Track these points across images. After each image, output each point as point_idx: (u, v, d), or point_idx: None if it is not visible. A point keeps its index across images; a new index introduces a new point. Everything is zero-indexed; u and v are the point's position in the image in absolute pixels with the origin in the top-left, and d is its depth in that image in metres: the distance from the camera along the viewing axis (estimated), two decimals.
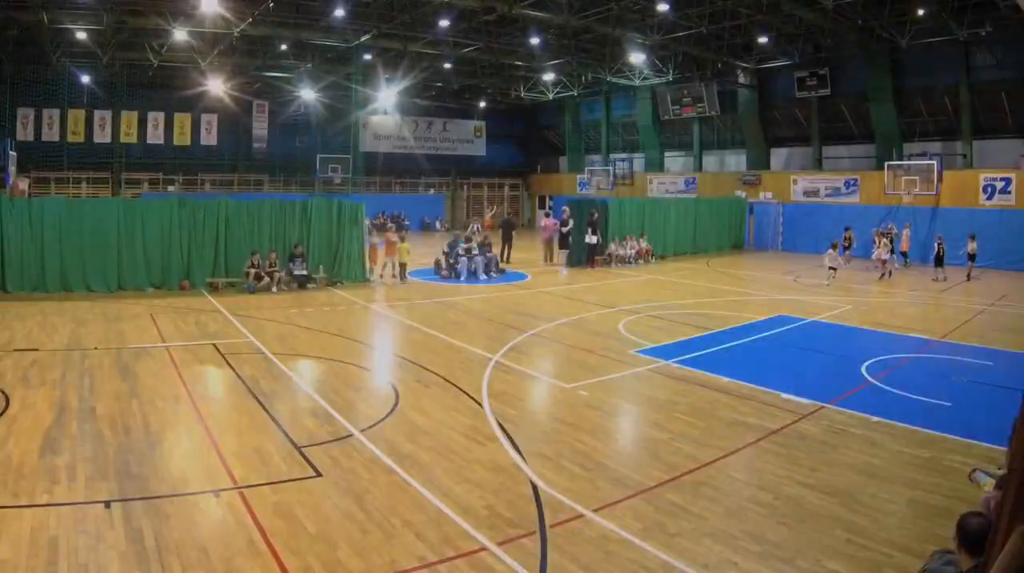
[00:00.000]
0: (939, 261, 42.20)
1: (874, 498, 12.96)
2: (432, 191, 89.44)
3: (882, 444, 15.66)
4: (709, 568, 10.47)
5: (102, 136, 70.66)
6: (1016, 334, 28.00)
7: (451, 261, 41.87)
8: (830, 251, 39.46)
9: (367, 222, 41.28)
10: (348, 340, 25.37)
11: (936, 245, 42.75)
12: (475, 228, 47.81)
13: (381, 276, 40.10)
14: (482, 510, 12.20)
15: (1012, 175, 50.15)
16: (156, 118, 72.94)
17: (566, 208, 47.95)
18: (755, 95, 66.33)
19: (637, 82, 71.88)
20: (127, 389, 18.59)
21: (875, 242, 44.74)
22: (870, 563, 10.72)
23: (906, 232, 48.72)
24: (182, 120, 73.86)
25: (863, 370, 21.94)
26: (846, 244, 42.39)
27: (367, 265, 39.79)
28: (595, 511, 12.20)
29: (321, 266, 37.69)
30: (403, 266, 40.25)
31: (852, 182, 59.11)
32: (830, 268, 38.65)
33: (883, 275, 41.92)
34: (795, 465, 14.40)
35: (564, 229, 47.83)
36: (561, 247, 45.84)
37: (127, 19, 52.33)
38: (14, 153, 59.85)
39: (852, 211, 57.32)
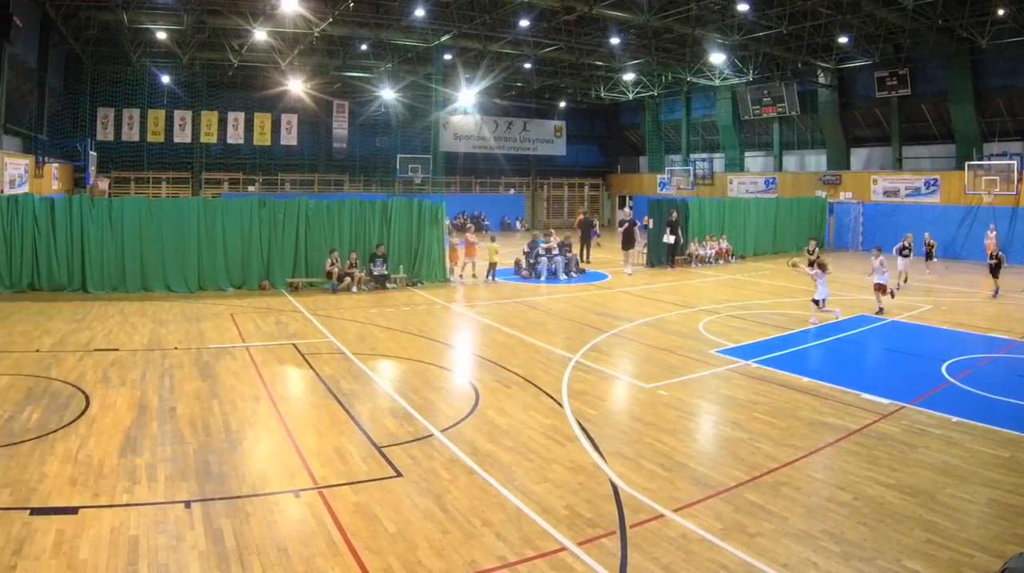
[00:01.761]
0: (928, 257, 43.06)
1: (954, 498, 12.82)
2: (512, 191, 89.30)
3: (962, 444, 15.49)
4: (789, 568, 10.41)
5: (182, 136, 71.60)
6: None
7: (531, 261, 41.93)
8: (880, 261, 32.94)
9: (447, 222, 41.30)
10: (428, 340, 25.43)
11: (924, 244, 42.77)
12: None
13: (461, 276, 40.21)
14: (562, 510, 12.18)
15: None
16: (236, 118, 73.83)
17: (627, 210, 47.80)
18: (835, 95, 65.76)
19: (717, 82, 71.63)
20: (207, 389, 18.78)
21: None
22: (949, 563, 10.61)
23: (992, 234, 47.94)
24: (262, 120, 74.64)
25: (943, 370, 21.73)
26: (905, 252, 39.12)
27: (447, 265, 39.93)
28: (675, 511, 12.16)
29: (401, 266, 37.76)
30: (493, 266, 40.40)
31: (932, 182, 58.38)
32: (878, 286, 31.26)
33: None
34: (875, 465, 14.29)
35: (620, 228, 47.61)
36: (624, 248, 45.42)
37: (207, 19, 52.93)
38: (94, 153, 60.65)
39: (932, 211, 57.00)
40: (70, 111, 65.78)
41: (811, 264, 29.47)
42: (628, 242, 45.14)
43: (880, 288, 30.92)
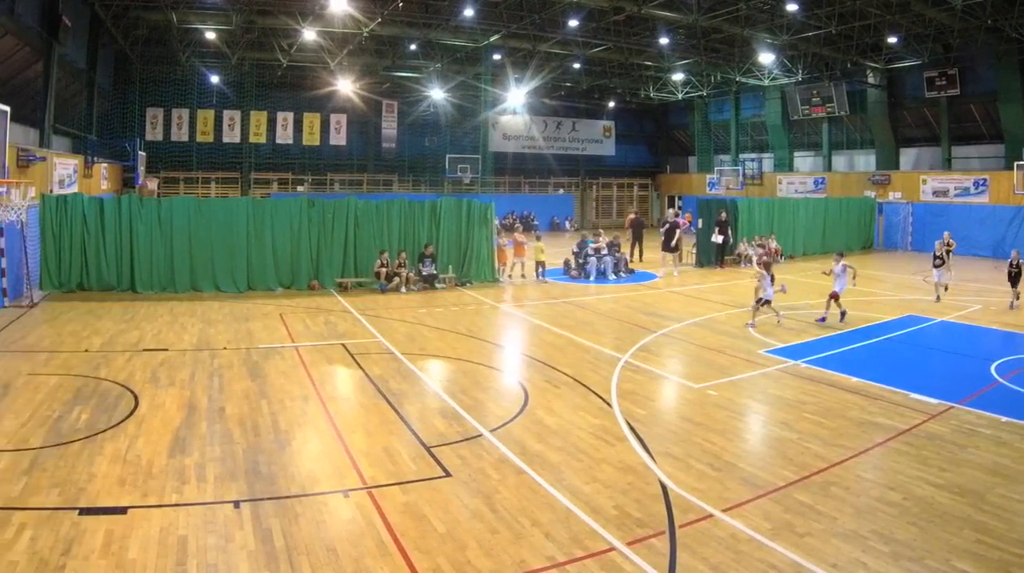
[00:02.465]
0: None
1: (1004, 498, 12.75)
2: (561, 191, 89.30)
3: (1011, 444, 15.40)
4: (839, 568, 10.38)
5: (231, 136, 72.01)
6: None
7: (580, 261, 41.89)
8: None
9: (496, 222, 41.29)
10: (477, 340, 25.45)
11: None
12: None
13: (510, 276, 40.19)
14: (611, 510, 12.17)
15: None
16: (285, 118, 74.22)
17: (673, 210, 47.54)
18: (884, 95, 65.31)
19: (766, 82, 71.35)
20: (256, 389, 18.88)
21: None
22: (999, 563, 10.54)
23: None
24: (311, 120, 74.96)
25: (992, 370, 21.58)
26: (938, 262, 35.21)
27: (496, 265, 39.98)
28: (724, 511, 12.15)
29: (450, 266, 37.83)
30: (541, 264, 40.36)
31: (981, 182, 57.80)
32: (833, 295, 29.23)
33: None
34: (924, 465, 14.22)
35: (661, 228, 47.26)
36: (664, 250, 44.91)
37: (256, 19, 53.15)
38: (143, 153, 61.20)
39: (981, 211, 56.54)
40: (119, 111, 66.30)
41: (765, 266, 28.82)
42: (668, 243, 44.39)
43: (835, 297, 28.68)
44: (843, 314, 28.54)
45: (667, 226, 44.71)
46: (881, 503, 12.52)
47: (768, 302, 27.50)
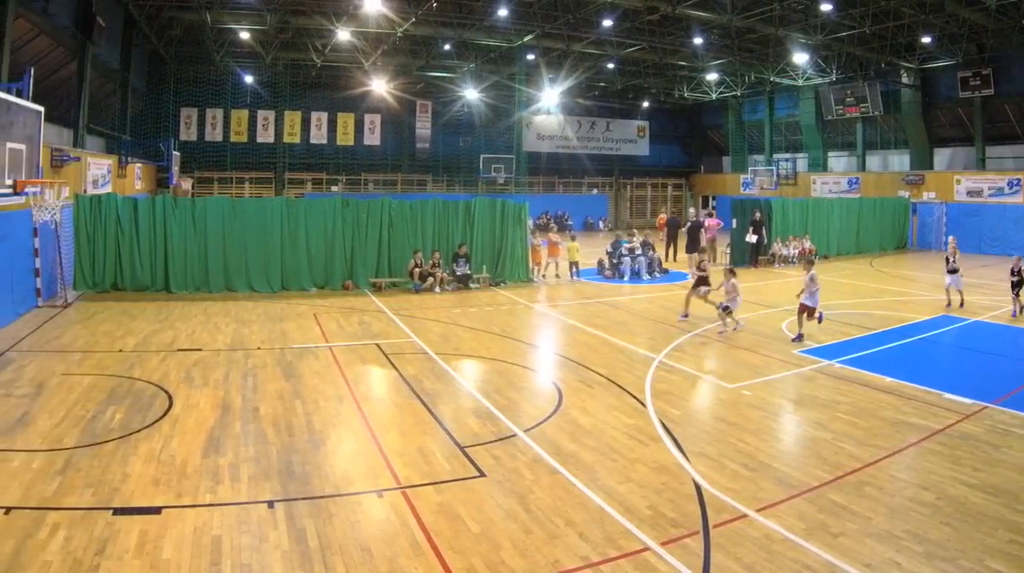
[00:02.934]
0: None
1: None
2: (595, 191, 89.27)
3: None
4: (872, 568, 10.36)
5: (265, 136, 72.43)
6: None
7: (614, 261, 41.85)
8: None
9: (530, 222, 41.26)
10: (511, 340, 25.46)
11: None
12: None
13: (544, 276, 40.17)
14: (645, 510, 12.16)
15: None
16: (319, 118, 74.53)
17: (692, 210, 47.26)
18: (918, 95, 65.06)
19: (800, 82, 71.20)
20: (290, 389, 18.92)
21: None
22: None
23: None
24: (345, 120, 75.27)
25: None
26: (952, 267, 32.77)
27: (530, 265, 39.97)
28: (758, 511, 12.14)
29: (484, 266, 37.84)
30: (575, 264, 40.46)
31: (1015, 182, 57.37)
32: (803, 308, 25.84)
33: None
34: (958, 465, 14.17)
35: (682, 229, 47.12)
36: (688, 251, 43.79)
37: (290, 19, 53.41)
38: (177, 153, 61.42)
39: (1016, 211, 56.25)
40: (153, 111, 66.75)
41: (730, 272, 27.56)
42: (692, 245, 43.02)
43: (805, 310, 25.38)
44: (820, 317, 26.04)
45: (690, 226, 44.44)
46: (915, 503, 12.50)
47: (728, 310, 26.61)
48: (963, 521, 11.79)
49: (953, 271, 31.15)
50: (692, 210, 50.14)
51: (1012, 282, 30.58)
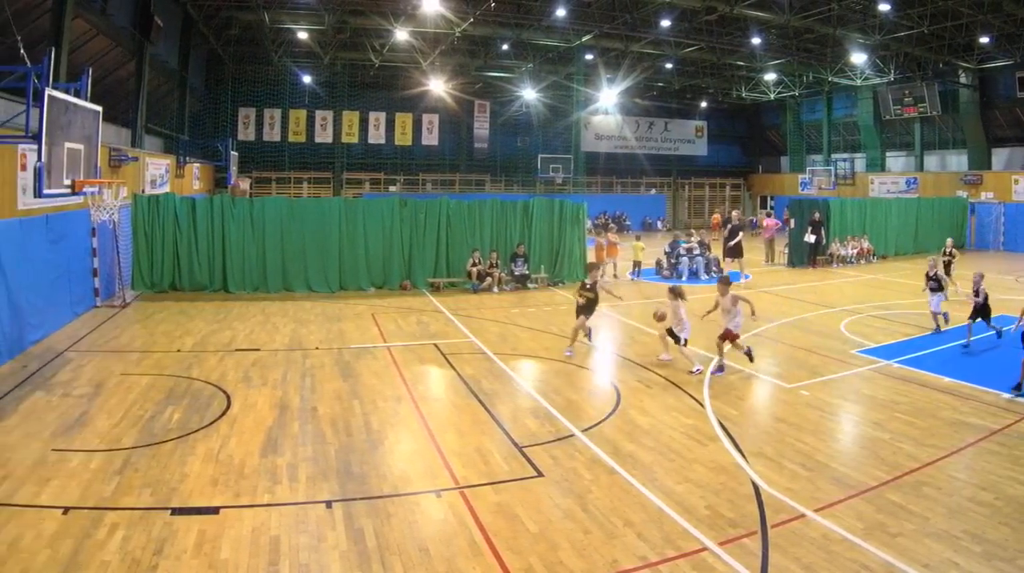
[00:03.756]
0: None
1: None
2: (653, 191, 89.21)
3: None
4: (930, 568, 10.34)
5: (323, 136, 72.75)
6: None
7: (672, 261, 41.82)
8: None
9: (588, 223, 41.15)
10: (569, 340, 24.97)
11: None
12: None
13: (603, 275, 39.88)
14: (703, 510, 12.18)
15: None
16: (377, 118, 74.76)
17: (734, 212, 46.91)
18: (976, 95, 64.53)
19: (858, 82, 70.85)
20: (348, 389, 19.00)
21: None
22: None
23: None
24: (403, 120, 75.47)
25: None
26: (933, 284, 28.23)
27: (609, 264, 39.97)
28: (816, 511, 12.13)
29: (542, 266, 37.82)
30: (637, 264, 40.56)
31: None
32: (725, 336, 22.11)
33: None
34: (1017, 465, 14.12)
35: (723, 231, 46.72)
36: (727, 255, 43.26)
37: (348, 19, 53.64)
38: (235, 153, 61.81)
39: None
40: (211, 111, 67.31)
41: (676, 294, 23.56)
42: (734, 248, 42.65)
43: (728, 337, 21.37)
44: (749, 353, 21.50)
45: (729, 228, 43.97)
46: (973, 503, 12.47)
47: (683, 341, 22.43)
48: (1022, 521, 11.80)
49: (937, 289, 27.11)
50: (734, 212, 49.36)
51: (931, 287, 27.68)
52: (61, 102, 18.61)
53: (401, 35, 55.99)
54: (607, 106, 79.32)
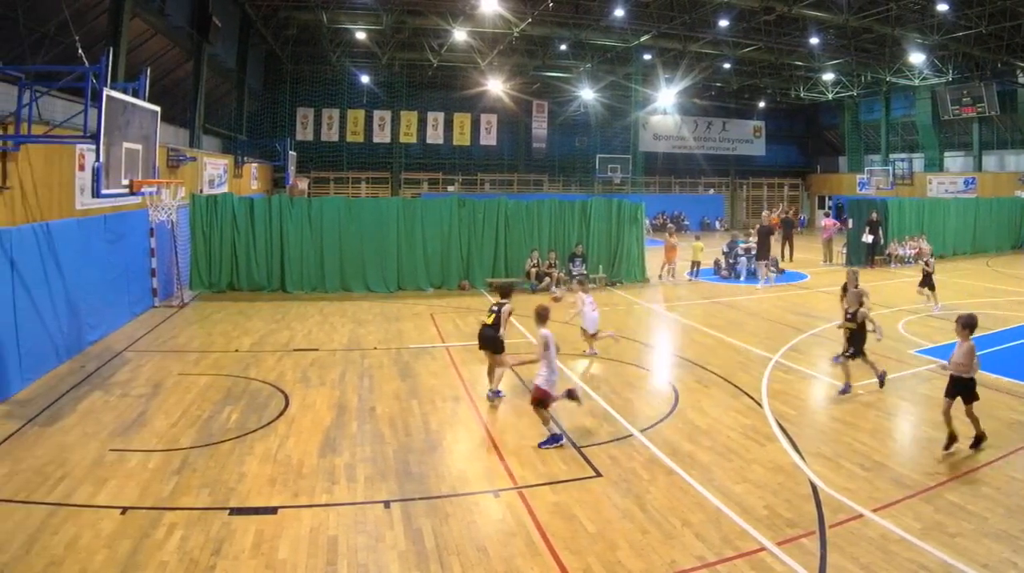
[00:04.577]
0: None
1: None
2: (711, 191, 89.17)
3: None
4: (989, 568, 10.28)
5: (381, 136, 73.16)
6: None
7: (730, 261, 41.68)
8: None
9: (646, 222, 41.10)
10: (627, 340, 25.24)
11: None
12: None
13: (660, 276, 39.99)
14: (761, 510, 12.16)
15: None
16: (435, 118, 75.12)
17: (765, 213, 46.43)
18: None
19: (916, 82, 70.35)
20: (406, 389, 19.06)
21: None
22: None
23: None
24: (461, 120, 75.81)
25: None
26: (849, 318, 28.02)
27: (663, 263, 40.04)
28: (874, 511, 12.07)
29: (600, 266, 37.76)
30: (696, 264, 40.40)
31: None
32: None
33: None
34: None
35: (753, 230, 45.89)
36: (759, 258, 41.03)
37: (406, 19, 53.93)
38: (293, 153, 62.15)
39: None
40: (269, 111, 67.85)
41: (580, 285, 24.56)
42: (763, 250, 40.30)
43: (541, 399, 15.56)
44: (571, 394, 16.22)
45: (760, 229, 41.56)
46: None
47: (593, 335, 23.07)
48: None
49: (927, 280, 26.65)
50: (765, 213, 48.42)
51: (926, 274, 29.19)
52: (119, 102, 18.74)
53: (459, 35, 56.39)
54: (665, 106, 79.08)
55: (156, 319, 27.47)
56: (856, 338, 19.13)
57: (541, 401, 15.40)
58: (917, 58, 61.99)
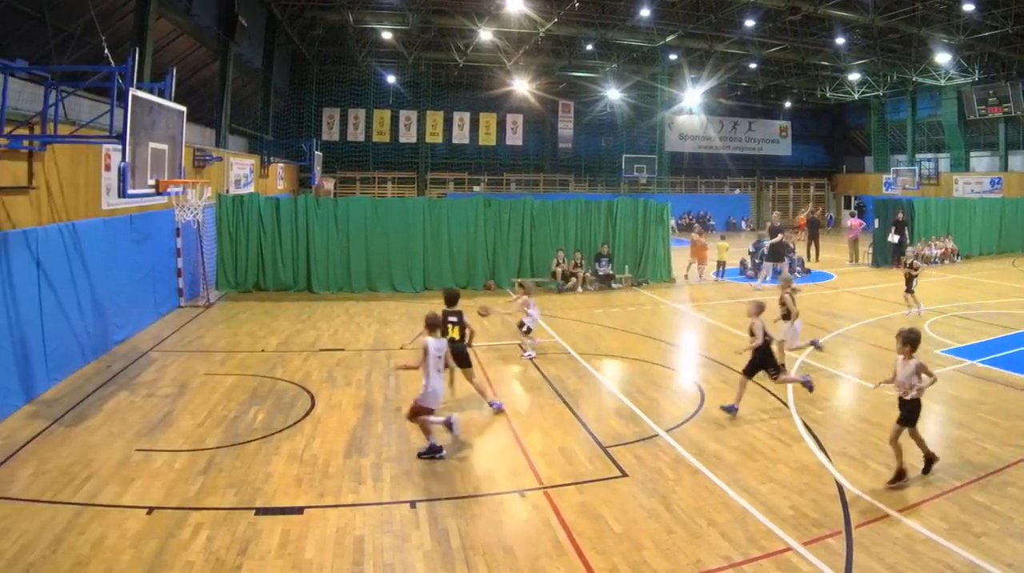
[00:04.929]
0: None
1: None
2: (737, 191, 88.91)
3: None
4: (1015, 568, 10.27)
5: (407, 136, 73.25)
6: None
7: (756, 261, 41.51)
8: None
9: (672, 222, 41.06)
10: (653, 340, 25.35)
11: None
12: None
13: (687, 276, 39.93)
14: (787, 510, 12.16)
15: None
16: (461, 118, 75.19)
17: (776, 213, 46.04)
18: None
19: (942, 82, 69.99)
20: None
21: None
22: None
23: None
24: (487, 120, 75.87)
25: None
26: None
27: (691, 262, 40.02)
28: (900, 511, 12.08)
29: (626, 266, 37.72)
30: (721, 264, 40.24)
31: None
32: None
33: None
34: None
35: (752, 248, 45.06)
36: (769, 259, 39.49)
37: (432, 19, 54.05)
38: (319, 153, 62.20)
39: None
40: (295, 111, 68.11)
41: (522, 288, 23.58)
42: (775, 253, 38.94)
43: (420, 413, 14.97)
44: (450, 423, 15.38)
45: (770, 228, 40.39)
46: None
47: (528, 330, 22.82)
48: None
49: (786, 317, 22.02)
50: (776, 214, 47.31)
51: (908, 276, 28.25)
52: (145, 102, 18.78)
53: (485, 35, 56.42)
54: (691, 106, 78.83)
55: (182, 319, 27.59)
56: (763, 358, 18.47)
57: (416, 414, 14.93)
58: (943, 58, 61.78)
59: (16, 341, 16.85)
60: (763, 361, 17.65)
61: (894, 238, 44.67)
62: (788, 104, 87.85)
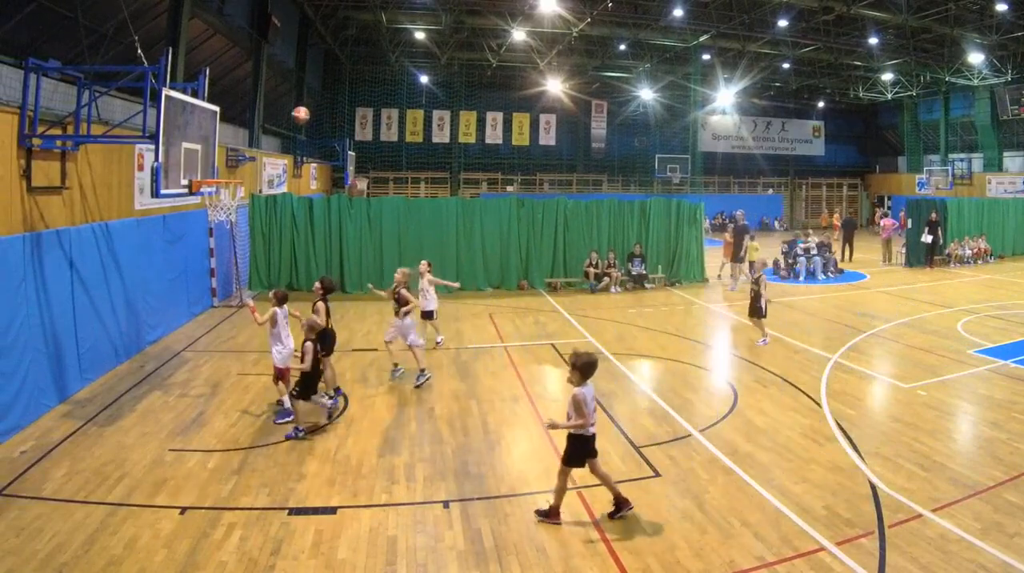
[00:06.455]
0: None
1: None
2: (771, 191, 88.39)
3: None
4: None
5: (441, 136, 73.11)
6: None
7: (790, 261, 41.52)
8: None
9: (705, 223, 40.93)
10: (686, 340, 25.35)
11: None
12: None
13: (719, 276, 39.85)
14: (820, 510, 12.16)
15: None
16: (494, 118, 74.97)
17: (739, 212, 45.44)
18: None
19: (975, 82, 69.54)
20: (465, 389, 19.13)
21: None
22: None
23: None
24: (520, 120, 75.62)
25: None
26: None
27: (723, 262, 39.93)
28: (934, 511, 12.06)
29: (659, 266, 37.67)
30: (752, 264, 39.59)
31: None
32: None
33: None
34: None
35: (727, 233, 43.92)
36: (732, 260, 38.77)
37: (465, 19, 53.95)
38: (352, 153, 62.42)
39: None
40: (328, 111, 68.02)
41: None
42: (737, 251, 38.34)
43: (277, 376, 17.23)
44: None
45: (734, 229, 39.69)
46: None
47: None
48: None
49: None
50: (739, 212, 45.87)
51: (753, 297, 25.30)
52: (178, 102, 18.83)
53: (518, 35, 56.27)
54: (724, 106, 78.71)
55: (215, 319, 27.72)
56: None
57: (279, 377, 16.86)
58: (976, 58, 61.45)
59: (49, 341, 16.96)
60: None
61: (927, 238, 44.55)
62: (821, 104, 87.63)
